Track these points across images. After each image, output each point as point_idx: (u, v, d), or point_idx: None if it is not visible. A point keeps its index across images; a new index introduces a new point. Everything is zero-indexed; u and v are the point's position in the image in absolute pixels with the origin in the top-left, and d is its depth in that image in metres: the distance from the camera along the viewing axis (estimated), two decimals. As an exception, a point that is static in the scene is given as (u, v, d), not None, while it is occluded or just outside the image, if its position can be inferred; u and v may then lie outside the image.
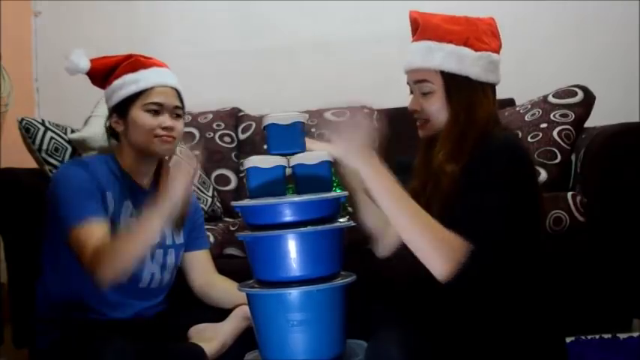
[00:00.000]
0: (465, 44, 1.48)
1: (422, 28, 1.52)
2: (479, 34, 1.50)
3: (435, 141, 1.55)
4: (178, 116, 1.73)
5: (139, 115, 1.69)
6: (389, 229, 1.58)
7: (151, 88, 1.69)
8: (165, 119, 1.69)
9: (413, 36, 1.56)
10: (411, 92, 1.55)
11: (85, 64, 1.72)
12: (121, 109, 1.71)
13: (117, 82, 1.71)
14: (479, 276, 1.35)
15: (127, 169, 1.74)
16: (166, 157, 1.71)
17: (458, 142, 1.46)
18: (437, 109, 1.49)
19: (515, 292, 1.42)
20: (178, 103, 1.73)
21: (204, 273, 1.85)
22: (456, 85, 1.47)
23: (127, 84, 1.70)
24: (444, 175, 1.44)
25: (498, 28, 1.55)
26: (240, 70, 3.25)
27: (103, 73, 1.75)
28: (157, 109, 1.69)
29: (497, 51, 1.52)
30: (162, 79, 1.72)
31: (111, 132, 1.77)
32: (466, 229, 1.34)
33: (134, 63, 1.73)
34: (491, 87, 1.52)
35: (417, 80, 1.51)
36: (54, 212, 1.64)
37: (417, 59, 1.50)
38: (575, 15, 3.13)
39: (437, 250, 1.33)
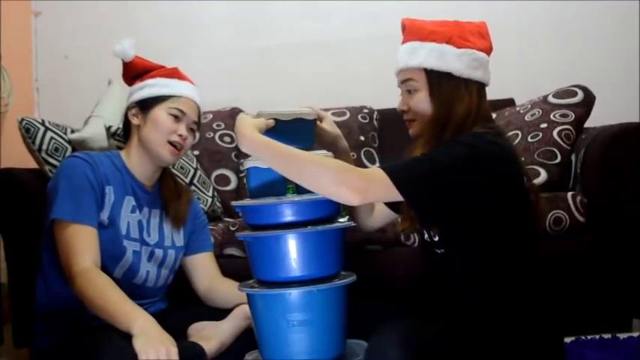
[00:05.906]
0: (448, 42, 1.50)
1: (407, 30, 1.57)
2: (463, 34, 1.52)
3: None
4: (192, 130, 1.81)
5: (161, 115, 1.76)
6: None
7: (180, 96, 1.79)
8: (183, 128, 1.77)
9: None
10: (402, 94, 1.58)
11: (132, 54, 1.82)
12: (144, 105, 1.78)
13: (149, 81, 1.80)
14: None
15: (132, 168, 1.79)
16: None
17: (436, 135, 1.48)
18: (422, 107, 1.52)
19: (512, 291, 1.42)
20: (197, 119, 1.83)
21: (207, 276, 1.86)
22: (438, 81, 1.50)
23: (160, 85, 1.79)
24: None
25: (488, 32, 1.56)
26: (240, 70, 3.25)
27: (138, 70, 1.84)
28: (179, 116, 1.77)
29: (484, 51, 1.52)
30: (192, 93, 1.82)
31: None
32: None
33: (171, 71, 1.83)
34: (478, 85, 1.51)
35: (404, 80, 1.55)
36: (51, 199, 1.67)
37: (403, 59, 1.54)
38: (575, 15, 3.13)
39: (334, 176, 1.34)
